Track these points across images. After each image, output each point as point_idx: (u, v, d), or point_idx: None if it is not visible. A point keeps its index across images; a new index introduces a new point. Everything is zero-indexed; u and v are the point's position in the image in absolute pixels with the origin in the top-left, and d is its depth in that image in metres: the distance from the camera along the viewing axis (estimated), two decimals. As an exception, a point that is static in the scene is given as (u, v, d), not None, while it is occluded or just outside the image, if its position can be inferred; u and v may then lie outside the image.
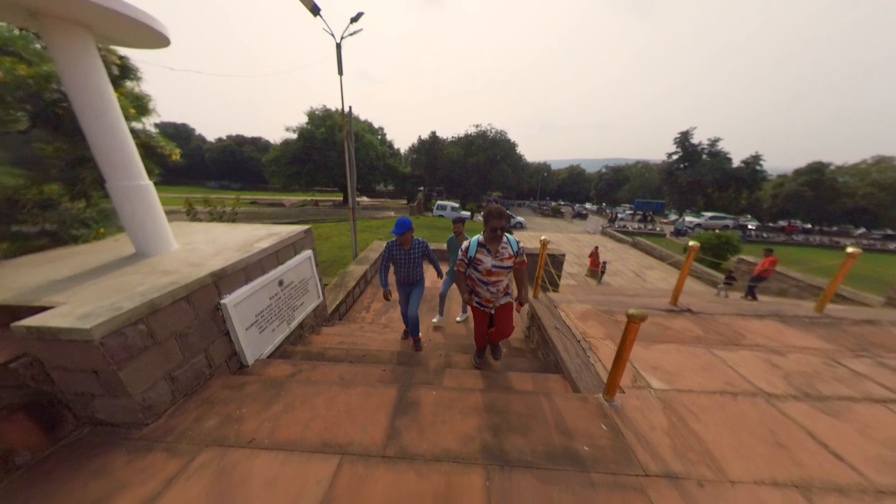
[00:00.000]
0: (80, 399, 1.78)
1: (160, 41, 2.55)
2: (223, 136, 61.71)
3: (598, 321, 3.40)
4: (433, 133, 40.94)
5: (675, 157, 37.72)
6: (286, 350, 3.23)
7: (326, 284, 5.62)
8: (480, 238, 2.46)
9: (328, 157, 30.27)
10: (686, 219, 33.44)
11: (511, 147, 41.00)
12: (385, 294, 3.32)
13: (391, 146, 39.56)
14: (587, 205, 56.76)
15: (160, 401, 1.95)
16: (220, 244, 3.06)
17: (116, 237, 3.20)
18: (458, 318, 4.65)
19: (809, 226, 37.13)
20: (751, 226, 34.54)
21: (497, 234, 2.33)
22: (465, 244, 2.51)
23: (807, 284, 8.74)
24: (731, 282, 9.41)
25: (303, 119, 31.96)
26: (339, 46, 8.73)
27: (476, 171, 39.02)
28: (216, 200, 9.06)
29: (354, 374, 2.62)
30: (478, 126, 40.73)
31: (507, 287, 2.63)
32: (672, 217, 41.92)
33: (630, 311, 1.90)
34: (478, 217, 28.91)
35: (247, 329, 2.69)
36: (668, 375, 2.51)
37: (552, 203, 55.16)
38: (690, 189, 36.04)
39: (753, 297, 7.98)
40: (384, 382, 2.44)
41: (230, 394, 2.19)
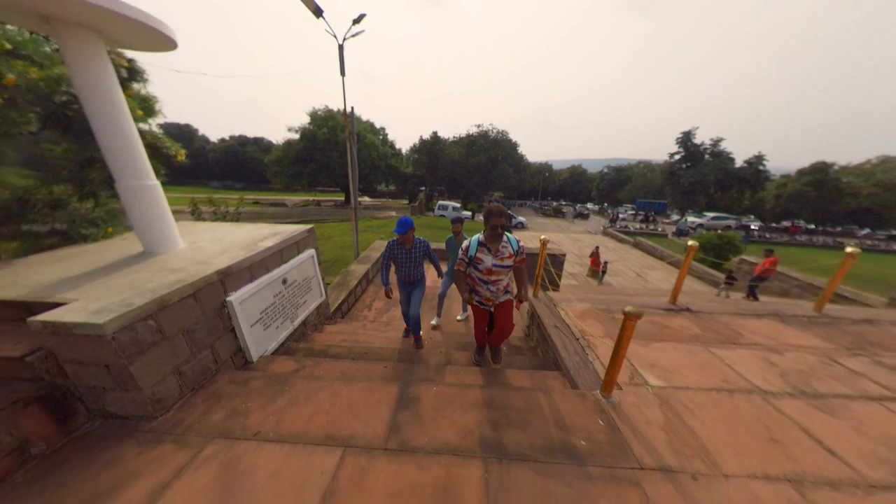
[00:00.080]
0: (93, 392, 1.84)
1: (168, 44, 2.61)
2: (226, 137, 62.15)
3: (598, 319, 3.44)
4: (434, 133, 41.03)
5: (678, 157, 37.62)
6: (290, 347, 3.29)
7: (329, 283, 5.68)
8: (481, 237, 2.47)
9: (330, 158, 30.41)
10: (688, 219, 33.32)
11: (512, 147, 41.01)
12: (386, 292, 3.37)
13: (393, 146, 39.64)
14: (589, 205, 56.67)
15: (168, 394, 2.01)
16: (226, 243, 3.12)
17: (124, 236, 3.26)
18: (459, 317, 4.70)
19: (813, 226, 36.91)
20: (754, 226, 34.35)
21: (497, 233, 2.34)
22: (466, 243, 2.52)
23: (808, 285, 8.73)
24: (732, 282, 9.43)
25: (305, 119, 32.17)
26: (342, 48, 8.80)
27: (477, 171, 39.07)
28: (220, 200, 9.17)
29: (356, 371, 2.67)
30: (479, 126, 40.81)
31: (508, 286, 2.64)
32: (674, 217, 41.78)
33: (626, 309, 1.94)
34: (478, 217, 28.92)
35: (251, 326, 2.75)
36: (666, 373, 2.54)
37: (554, 203, 55.12)
38: (693, 189, 35.92)
39: (754, 298, 7.98)
40: (386, 379, 2.49)
41: (236, 388, 2.25)
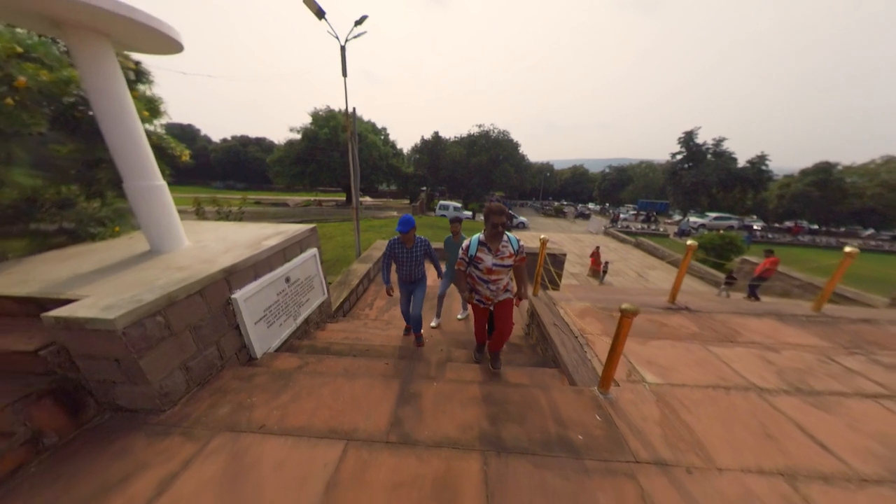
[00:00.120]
0: (103, 386, 1.89)
1: (174, 47, 2.66)
2: (228, 137, 62.42)
3: (597, 318, 3.47)
4: (436, 133, 41.09)
5: (680, 157, 37.54)
6: (292, 344, 3.34)
7: (330, 283, 5.74)
8: (481, 236, 2.48)
9: (331, 158, 30.55)
10: (690, 219, 33.25)
11: (514, 147, 41.02)
12: (387, 290, 3.41)
13: (394, 146, 39.74)
14: (590, 205, 56.60)
15: (176, 389, 2.06)
16: (230, 242, 3.17)
17: (131, 235, 3.33)
18: (459, 316, 4.74)
19: (816, 227, 36.72)
20: (756, 226, 34.23)
21: (498, 231, 2.34)
22: (466, 243, 2.53)
23: (809, 284, 8.73)
24: (732, 282, 9.44)
25: (307, 119, 32.34)
26: (344, 49, 8.86)
27: (479, 171, 39.10)
28: (223, 200, 9.26)
29: (358, 367, 2.72)
30: (481, 126, 40.83)
31: (508, 284, 2.64)
32: (676, 217, 41.67)
33: (623, 306, 1.98)
34: (479, 217, 28.96)
35: (255, 323, 2.80)
36: (663, 370, 2.58)
37: (555, 203, 55.07)
38: (695, 189, 35.83)
39: (755, 298, 7.99)
40: (387, 375, 2.53)
41: (241, 384, 2.30)
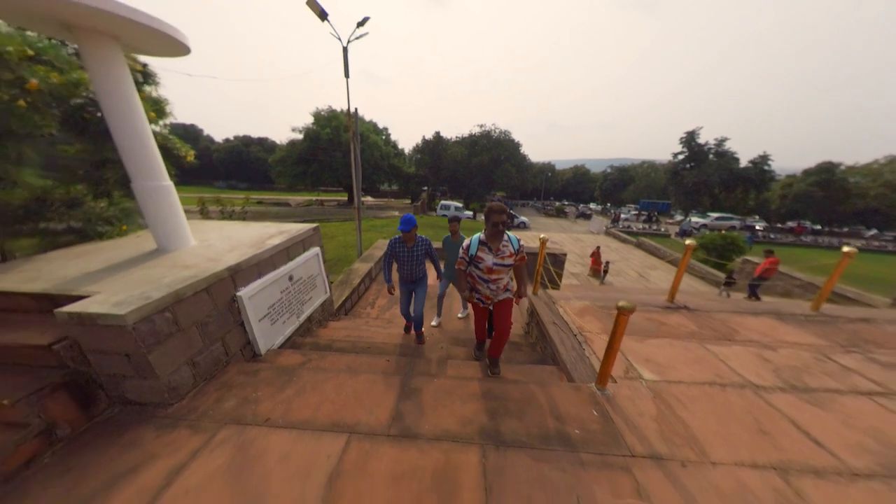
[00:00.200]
0: (113, 380, 1.95)
1: (181, 50, 2.72)
2: (230, 137, 62.79)
3: (595, 317, 3.51)
4: (437, 133, 41.16)
5: (681, 157, 37.42)
6: (295, 341, 3.40)
7: (332, 282, 5.79)
8: (482, 236, 2.50)
9: (333, 158, 30.64)
10: (692, 219, 33.17)
11: (515, 147, 41.03)
12: (389, 289, 3.46)
13: (395, 146, 39.82)
14: (591, 205, 56.52)
15: (183, 383, 2.12)
16: (234, 241, 3.23)
17: (138, 234, 3.39)
18: (460, 315, 4.79)
19: (819, 227, 36.55)
20: (758, 227, 34.10)
21: (499, 230, 2.35)
22: (467, 242, 2.55)
23: (810, 285, 8.72)
24: (731, 283, 9.47)
25: (309, 119, 32.47)
26: (346, 50, 8.93)
27: (480, 171, 39.13)
28: (226, 200, 9.34)
29: (360, 364, 2.77)
30: (482, 126, 40.87)
31: (508, 284, 2.65)
32: (678, 217, 41.56)
33: (619, 304, 2.02)
34: (479, 217, 29.00)
35: (260, 320, 2.86)
36: (660, 367, 2.62)
37: (556, 203, 55.02)
38: (696, 189, 35.72)
39: (756, 298, 8.00)
40: (388, 371, 2.59)
41: (246, 379, 2.36)
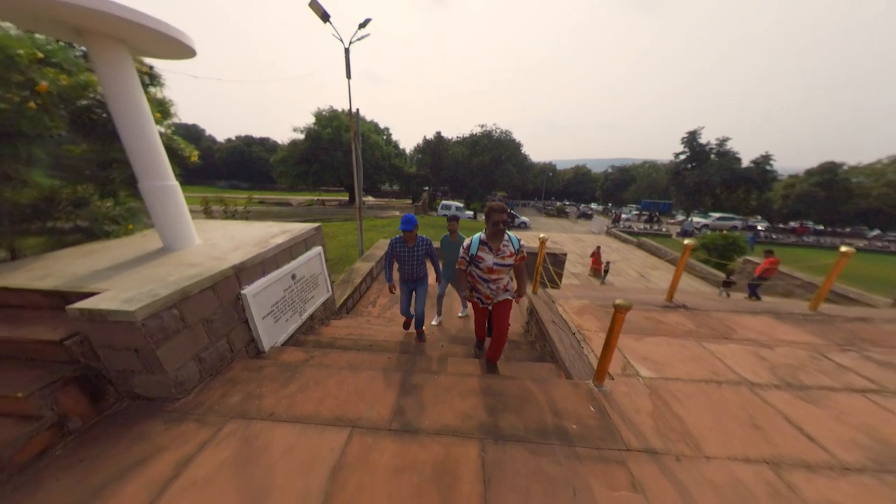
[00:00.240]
0: (122, 375, 2.00)
1: (187, 52, 2.78)
2: (232, 137, 63.03)
3: (594, 315, 3.55)
4: (438, 133, 41.18)
5: (683, 157, 37.35)
6: (298, 339, 3.45)
7: (334, 281, 5.84)
8: (482, 236, 2.52)
9: (335, 158, 30.72)
10: (693, 219, 33.11)
11: (516, 147, 41.03)
12: (390, 288, 3.50)
13: (396, 146, 39.90)
14: (592, 205, 56.47)
15: (190, 378, 2.17)
16: (238, 240, 3.29)
17: (144, 233, 3.45)
18: (460, 314, 4.84)
19: (821, 227, 36.42)
20: (760, 227, 34.02)
21: (499, 229, 2.36)
22: (467, 242, 2.57)
23: (811, 284, 8.73)
24: (730, 283, 9.51)
25: (310, 120, 32.54)
26: (348, 51, 8.98)
27: (481, 171, 39.15)
28: (229, 200, 9.42)
29: (362, 361, 2.82)
30: (483, 126, 40.88)
31: (507, 284, 2.66)
32: (679, 217, 41.49)
33: (616, 302, 2.06)
34: (480, 217, 29.03)
35: (263, 318, 2.91)
36: (657, 365, 2.65)
37: (557, 203, 54.99)
38: (698, 189, 35.64)
39: (756, 298, 8.02)
40: (390, 368, 2.63)
41: (250, 375, 2.41)
